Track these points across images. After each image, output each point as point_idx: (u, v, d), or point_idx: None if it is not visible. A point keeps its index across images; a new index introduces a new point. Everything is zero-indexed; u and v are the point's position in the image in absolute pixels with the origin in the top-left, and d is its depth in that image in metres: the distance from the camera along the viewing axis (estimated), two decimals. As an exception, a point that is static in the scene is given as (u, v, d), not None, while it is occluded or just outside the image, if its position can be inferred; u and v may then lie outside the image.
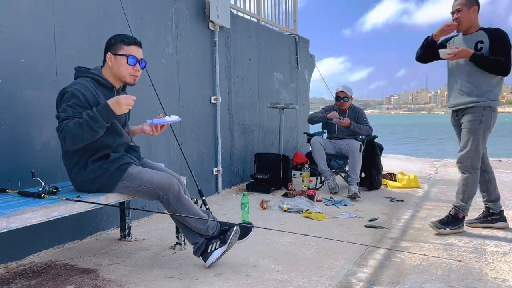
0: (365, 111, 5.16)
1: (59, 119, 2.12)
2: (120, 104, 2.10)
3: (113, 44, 2.33)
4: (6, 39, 2.47)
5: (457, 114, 3.16)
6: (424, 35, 3.33)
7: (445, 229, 3.09)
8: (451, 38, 3.22)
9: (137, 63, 2.34)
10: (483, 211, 3.27)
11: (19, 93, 2.55)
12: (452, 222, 3.10)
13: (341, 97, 4.86)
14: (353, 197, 4.31)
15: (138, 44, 2.38)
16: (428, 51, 3.17)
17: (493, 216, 3.20)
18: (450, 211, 3.16)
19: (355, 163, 4.56)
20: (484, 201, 3.25)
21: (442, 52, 3.02)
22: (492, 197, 3.21)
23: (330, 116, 4.78)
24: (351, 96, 4.90)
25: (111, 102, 2.10)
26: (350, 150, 4.58)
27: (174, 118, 2.42)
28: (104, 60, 2.36)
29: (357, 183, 4.54)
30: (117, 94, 2.36)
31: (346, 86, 4.91)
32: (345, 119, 4.74)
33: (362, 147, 4.66)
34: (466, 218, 3.18)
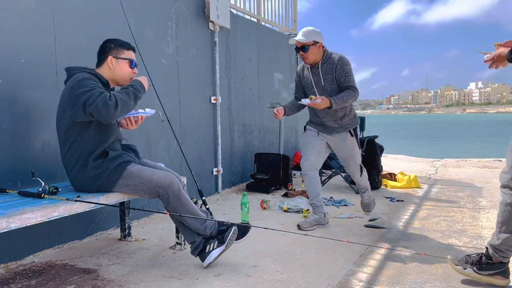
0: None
1: (92, 96, 2.11)
2: (146, 82, 2.42)
3: (114, 47, 2.40)
4: (6, 39, 2.47)
5: None
6: (431, 35, 2.98)
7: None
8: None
9: (135, 66, 2.48)
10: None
11: (19, 93, 2.55)
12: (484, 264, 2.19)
13: (298, 47, 3.16)
14: (368, 210, 3.56)
15: (134, 49, 2.51)
16: None
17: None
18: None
19: (359, 181, 3.50)
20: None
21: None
22: None
23: (276, 114, 3.25)
24: (312, 42, 3.10)
25: (141, 78, 2.40)
26: (351, 173, 3.53)
27: (147, 110, 2.47)
28: (101, 62, 2.40)
29: (367, 189, 3.54)
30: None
31: (305, 30, 3.15)
32: (318, 98, 3.05)
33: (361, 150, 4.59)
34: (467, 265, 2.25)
